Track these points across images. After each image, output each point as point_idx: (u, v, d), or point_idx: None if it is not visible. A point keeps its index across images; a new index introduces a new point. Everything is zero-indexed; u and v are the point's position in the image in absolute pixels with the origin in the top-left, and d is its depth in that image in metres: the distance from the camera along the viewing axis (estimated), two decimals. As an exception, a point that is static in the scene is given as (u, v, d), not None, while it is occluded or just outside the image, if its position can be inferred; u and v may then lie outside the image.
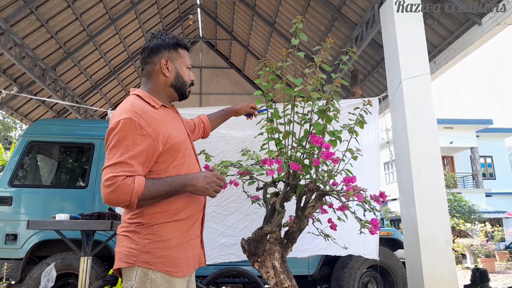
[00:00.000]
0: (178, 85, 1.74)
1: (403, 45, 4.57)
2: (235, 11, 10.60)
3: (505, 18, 4.74)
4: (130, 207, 1.48)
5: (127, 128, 1.48)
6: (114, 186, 1.42)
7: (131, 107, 1.53)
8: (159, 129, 1.55)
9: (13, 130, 25.20)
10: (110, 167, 1.46)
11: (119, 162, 1.45)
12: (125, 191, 1.43)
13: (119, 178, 1.43)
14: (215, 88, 13.47)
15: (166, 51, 1.72)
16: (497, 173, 22.88)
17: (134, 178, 1.46)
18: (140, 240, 1.51)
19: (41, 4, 7.40)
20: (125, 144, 1.48)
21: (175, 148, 1.60)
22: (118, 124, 1.50)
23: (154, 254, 1.51)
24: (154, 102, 1.63)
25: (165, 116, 1.64)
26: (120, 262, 1.52)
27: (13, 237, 4.25)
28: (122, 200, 1.45)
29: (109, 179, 1.43)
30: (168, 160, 1.59)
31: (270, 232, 2.22)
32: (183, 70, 1.75)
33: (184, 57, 1.77)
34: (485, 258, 12.37)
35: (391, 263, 4.74)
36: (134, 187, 1.44)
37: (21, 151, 4.49)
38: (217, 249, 3.80)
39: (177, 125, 1.71)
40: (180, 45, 1.77)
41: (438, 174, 4.24)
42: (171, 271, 1.52)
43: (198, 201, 1.69)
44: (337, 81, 2.33)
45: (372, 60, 8.09)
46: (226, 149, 3.82)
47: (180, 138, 1.65)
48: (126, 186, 1.43)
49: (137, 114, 1.51)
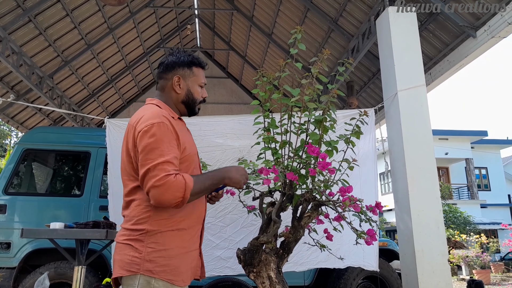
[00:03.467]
0: (188, 102, 1.81)
1: (399, 57, 4.62)
2: (233, 21, 10.68)
3: (500, 31, 4.81)
4: (181, 204, 1.51)
5: (163, 131, 1.55)
6: (168, 184, 1.46)
7: (160, 113, 1.61)
8: (181, 137, 1.63)
9: (8, 138, 25.07)
10: (158, 168, 1.48)
11: (166, 161, 1.50)
12: (179, 188, 1.48)
13: (171, 176, 1.48)
14: (212, 97, 13.50)
15: (180, 68, 1.79)
16: (492, 185, 22.97)
17: (182, 175, 1.51)
18: (143, 249, 1.52)
19: (40, 13, 7.42)
20: (165, 145, 1.53)
21: (189, 159, 1.68)
22: (152, 127, 1.54)
23: (157, 262, 1.51)
24: (172, 113, 1.72)
25: (180, 127, 1.72)
26: (121, 270, 1.52)
27: (6, 245, 4.20)
28: (176, 197, 1.48)
29: (162, 179, 1.46)
30: (181, 170, 1.61)
31: (266, 242, 2.22)
32: (194, 88, 1.82)
33: (198, 75, 1.83)
34: (480, 269, 12.34)
35: (386, 274, 4.72)
36: (186, 182, 1.49)
37: (16, 159, 4.46)
38: (212, 262, 3.75)
39: (190, 138, 1.80)
40: (195, 64, 1.83)
41: (434, 185, 4.25)
42: (174, 279, 1.54)
43: (199, 212, 1.72)
44: (334, 92, 2.35)
45: (368, 72, 8.15)
46: (223, 158, 3.82)
47: (193, 150, 1.74)
48: (179, 182, 1.48)
49: (166, 118, 1.60)
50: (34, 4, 7.05)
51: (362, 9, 6.66)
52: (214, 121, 4.07)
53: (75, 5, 7.87)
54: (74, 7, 7.88)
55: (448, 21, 5.68)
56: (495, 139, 23.62)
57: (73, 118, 10.99)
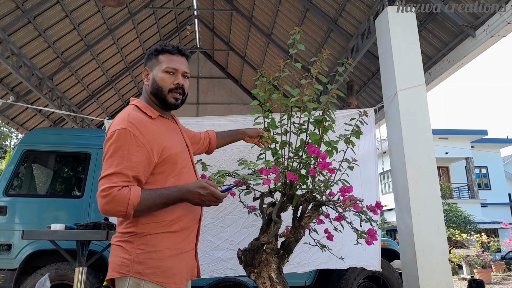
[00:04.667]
0: (154, 92, 1.68)
1: (398, 57, 4.62)
2: (232, 22, 10.69)
3: (499, 30, 4.81)
4: (126, 217, 1.48)
5: (122, 139, 1.49)
6: (110, 196, 1.42)
7: (127, 118, 1.54)
8: (154, 140, 1.55)
9: (8, 139, 25.07)
10: (106, 178, 1.46)
11: (115, 172, 1.46)
12: (121, 202, 1.43)
13: (115, 188, 1.43)
14: (212, 97, 13.51)
15: (148, 61, 1.73)
16: (492, 184, 22.97)
17: (130, 189, 1.45)
18: (133, 250, 1.50)
19: (39, 14, 7.43)
20: (121, 154, 1.48)
21: (171, 159, 1.59)
22: (113, 135, 1.50)
23: (147, 264, 1.49)
24: (151, 112, 1.64)
25: (161, 127, 1.64)
26: (113, 272, 1.51)
27: (7, 247, 4.20)
28: (118, 211, 1.44)
29: (105, 190, 1.43)
30: (165, 172, 1.58)
31: (267, 242, 2.22)
32: (159, 76, 1.67)
33: (163, 61, 1.68)
34: (481, 268, 12.34)
35: (387, 274, 4.72)
36: (130, 198, 1.44)
37: (16, 160, 4.46)
38: (213, 263, 3.73)
39: (174, 137, 1.69)
40: (159, 51, 1.71)
41: (434, 184, 4.25)
42: (164, 282, 1.50)
43: (194, 212, 1.68)
44: (333, 92, 2.35)
45: (367, 71, 8.16)
46: (223, 158, 3.82)
47: (176, 149, 1.63)
48: (122, 197, 1.43)
49: (132, 124, 1.52)
50: (33, 5, 7.06)
51: (361, 9, 6.66)
52: (214, 122, 4.08)
53: (75, 6, 7.87)
54: (74, 8, 7.89)
55: (447, 20, 5.68)
56: (495, 138, 23.64)
57: (73, 119, 10.99)
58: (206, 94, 13.52)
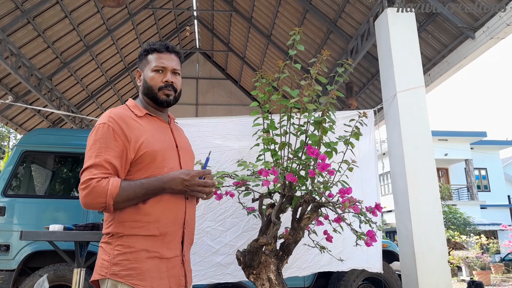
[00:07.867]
0: (146, 92, 1.69)
1: (397, 58, 4.62)
2: (231, 23, 10.69)
3: (498, 32, 4.82)
4: (107, 210, 1.48)
5: (101, 132, 1.53)
6: (89, 188, 1.44)
7: (108, 113, 1.58)
8: (132, 136, 1.54)
9: (7, 140, 25.04)
10: (86, 170, 1.49)
11: (93, 164, 1.48)
12: (100, 193, 1.44)
13: (94, 180, 1.45)
14: (211, 98, 13.51)
15: (140, 62, 1.75)
16: (491, 185, 22.98)
17: (109, 180, 1.46)
18: (111, 251, 1.49)
19: (38, 14, 7.42)
20: (99, 147, 1.51)
21: (148, 157, 1.55)
22: (94, 129, 1.56)
23: (123, 266, 1.46)
24: (138, 111, 1.66)
25: (146, 125, 1.62)
26: (95, 274, 1.51)
27: (5, 248, 4.19)
28: (98, 202, 1.45)
29: (85, 182, 1.45)
30: (142, 170, 1.55)
31: (266, 243, 2.21)
32: (148, 75, 1.68)
33: (151, 60, 1.69)
34: (480, 270, 12.34)
35: (387, 276, 4.71)
36: (109, 188, 1.44)
37: (15, 161, 4.45)
38: (212, 268, 3.63)
39: (158, 135, 1.64)
40: (148, 51, 1.71)
41: (433, 186, 4.25)
42: (139, 284, 1.45)
43: (173, 215, 1.57)
44: (333, 93, 2.35)
45: (367, 73, 8.16)
46: (222, 159, 3.80)
47: (156, 147, 1.57)
48: (101, 188, 1.44)
49: (113, 119, 1.55)
50: (33, 5, 7.05)
51: (361, 10, 6.67)
52: (213, 122, 4.05)
53: (74, 7, 7.87)
54: (73, 8, 7.89)
55: (446, 22, 5.69)
56: (495, 140, 23.64)
57: (72, 120, 10.98)
58: (206, 95, 13.52)
